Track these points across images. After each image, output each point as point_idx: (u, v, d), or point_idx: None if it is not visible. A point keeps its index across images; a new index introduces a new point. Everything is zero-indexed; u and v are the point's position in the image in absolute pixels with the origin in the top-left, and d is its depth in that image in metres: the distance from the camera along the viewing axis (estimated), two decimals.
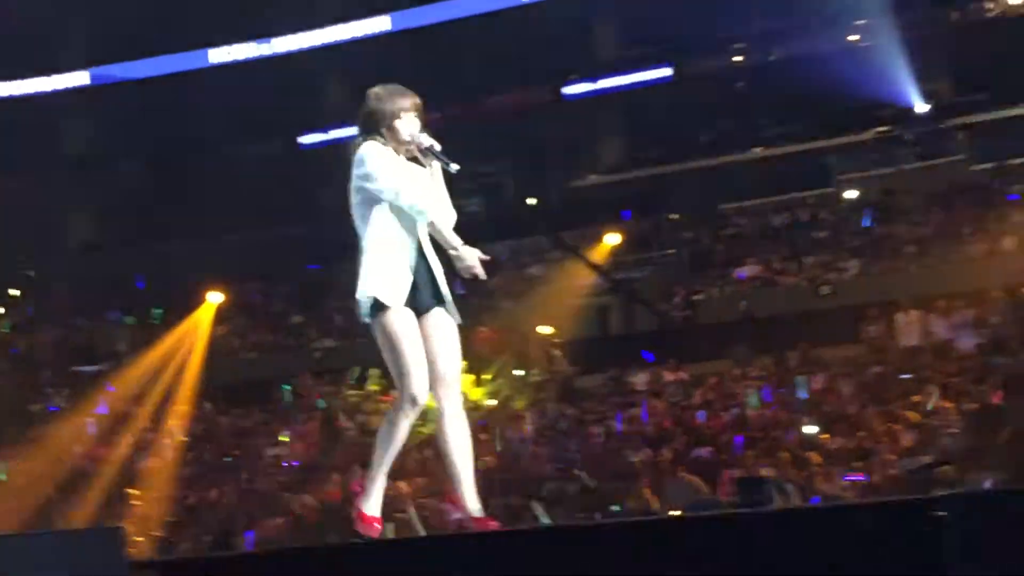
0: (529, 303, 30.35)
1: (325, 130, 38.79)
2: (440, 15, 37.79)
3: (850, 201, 31.43)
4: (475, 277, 6.90)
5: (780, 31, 35.22)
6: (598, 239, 31.09)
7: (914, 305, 24.20)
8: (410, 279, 6.65)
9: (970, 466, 15.97)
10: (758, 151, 35.77)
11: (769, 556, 4.80)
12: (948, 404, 19.42)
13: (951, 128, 32.71)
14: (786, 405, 21.86)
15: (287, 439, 26.38)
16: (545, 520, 20.17)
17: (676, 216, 33.41)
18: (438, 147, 6.87)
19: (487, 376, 26.59)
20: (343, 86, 39.72)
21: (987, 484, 14.41)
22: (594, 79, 37.46)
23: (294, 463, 25.60)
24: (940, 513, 4.48)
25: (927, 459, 16.81)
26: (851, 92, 31.97)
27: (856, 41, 33.97)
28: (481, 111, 36.66)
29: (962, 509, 4.48)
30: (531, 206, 37.54)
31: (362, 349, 29.02)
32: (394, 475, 6.56)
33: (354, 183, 6.77)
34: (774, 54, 34.86)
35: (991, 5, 33.87)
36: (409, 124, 6.80)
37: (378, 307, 6.61)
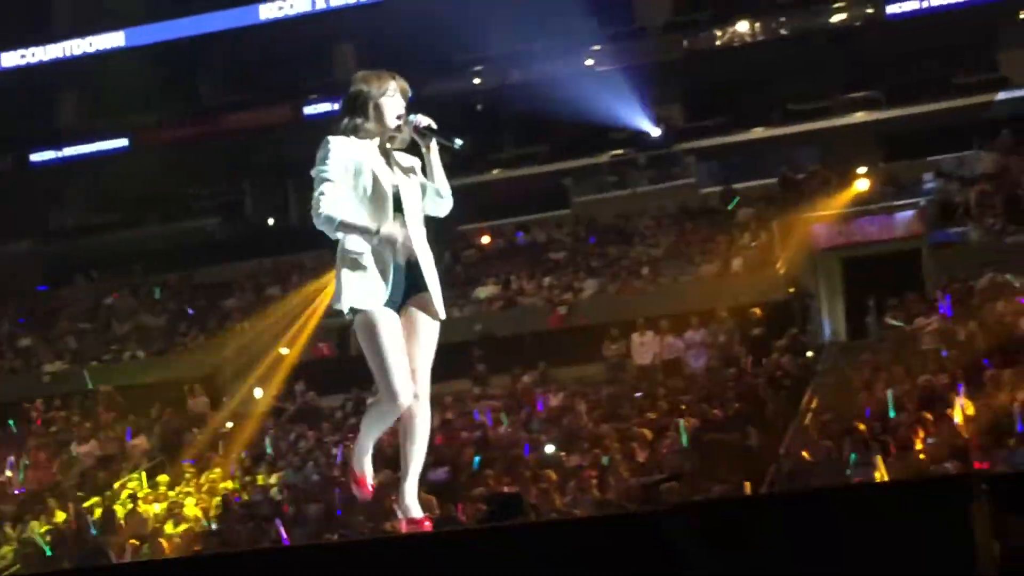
0: (268, 324, 30.00)
1: (59, 147, 37.67)
2: (177, 32, 37.05)
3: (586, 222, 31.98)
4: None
5: (518, 54, 35.62)
6: None
7: (648, 325, 24.73)
8: (389, 277, 6.65)
9: (698, 480, 16.45)
10: (496, 172, 36.09)
11: (504, 570, 4.87)
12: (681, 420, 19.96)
13: (682, 152, 33.54)
14: (524, 424, 22.12)
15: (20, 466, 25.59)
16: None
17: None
18: (435, 126, 6.74)
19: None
20: (78, 101, 38.74)
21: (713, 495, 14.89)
22: (335, 99, 37.23)
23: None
24: (670, 525, 4.62)
25: (659, 476, 17.25)
26: (587, 115, 32.52)
27: (592, 66, 34.58)
28: (220, 129, 36.04)
29: (689, 520, 4.62)
30: (271, 226, 37.16)
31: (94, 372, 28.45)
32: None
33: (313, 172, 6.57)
34: (512, 77, 35.21)
35: (719, 33, 34.89)
36: (395, 105, 6.67)
37: (357, 309, 6.56)
